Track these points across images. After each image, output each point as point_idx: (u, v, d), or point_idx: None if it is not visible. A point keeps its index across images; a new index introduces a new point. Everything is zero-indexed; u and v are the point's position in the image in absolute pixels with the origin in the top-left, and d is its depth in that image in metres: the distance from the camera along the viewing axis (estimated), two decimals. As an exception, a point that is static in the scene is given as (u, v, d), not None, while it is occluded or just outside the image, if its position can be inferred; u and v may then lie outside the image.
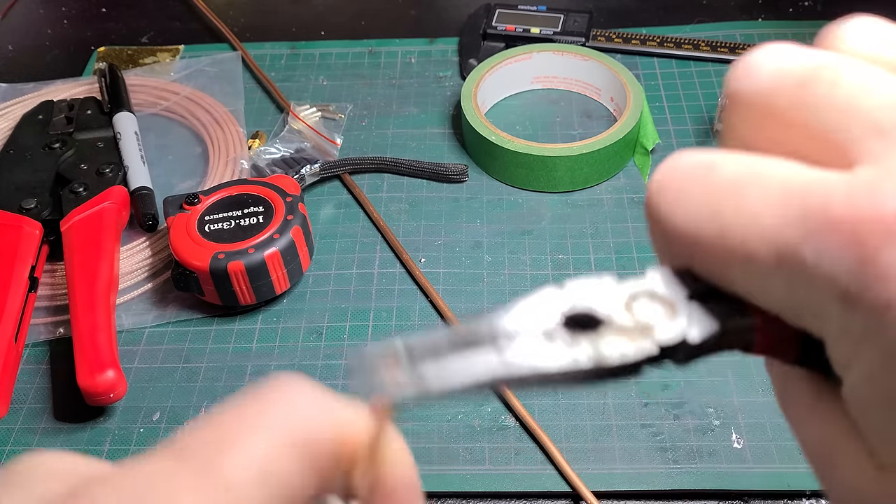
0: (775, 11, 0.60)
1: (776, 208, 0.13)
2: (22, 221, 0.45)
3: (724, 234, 0.14)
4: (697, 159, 0.15)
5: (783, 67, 0.14)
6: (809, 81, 0.14)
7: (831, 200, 0.12)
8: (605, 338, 0.14)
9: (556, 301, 0.15)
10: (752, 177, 0.14)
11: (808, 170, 0.13)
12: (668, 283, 0.15)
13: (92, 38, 0.63)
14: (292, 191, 0.44)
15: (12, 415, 0.40)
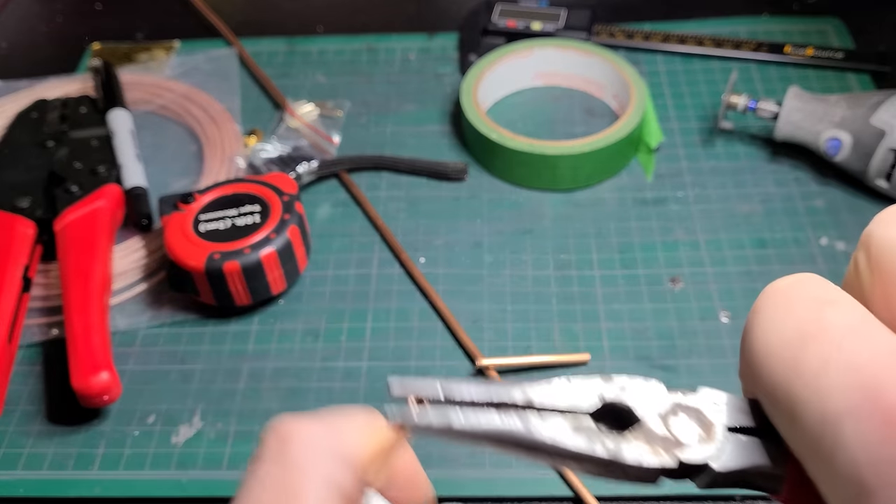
0: (780, 7, 0.60)
1: (847, 375, 0.12)
2: (15, 221, 0.44)
3: (796, 373, 0.13)
4: (815, 288, 0.14)
5: None
6: None
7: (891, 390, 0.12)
8: (631, 440, 0.15)
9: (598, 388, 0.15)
10: (855, 331, 0.13)
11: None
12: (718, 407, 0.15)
13: (86, 34, 0.62)
14: (289, 189, 0.43)
15: (5, 417, 0.39)
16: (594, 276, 0.43)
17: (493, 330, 0.41)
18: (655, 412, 0.15)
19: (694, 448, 0.14)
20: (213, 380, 0.40)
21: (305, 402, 0.39)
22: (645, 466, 0.14)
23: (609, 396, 0.15)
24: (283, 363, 0.41)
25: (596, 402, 0.15)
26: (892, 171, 0.44)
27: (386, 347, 0.41)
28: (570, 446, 0.15)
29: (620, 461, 0.14)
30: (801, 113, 0.46)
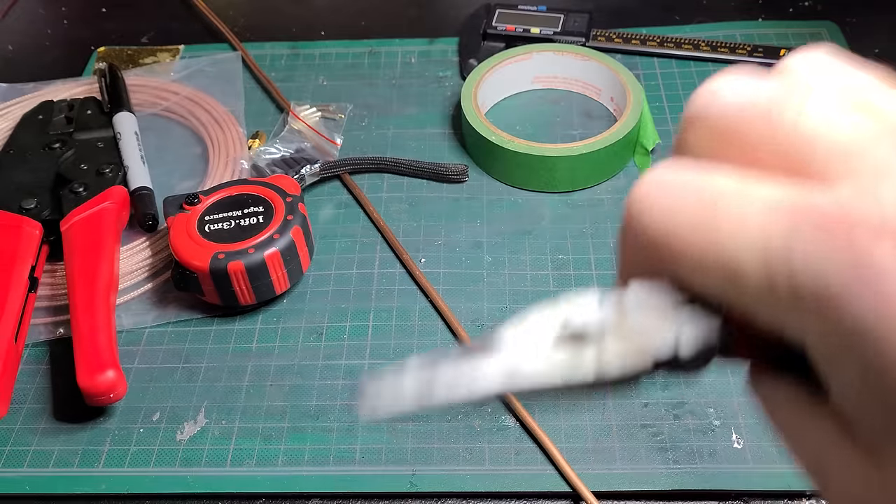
0: (775, 11, 0.60)
1: (765, 218, 0.14)
2: (22, 221, 0.45)
3: (713, 244, 0.14)
4: (688, 169, 0.15)
5: (751, 92, 0.15)
6: (776, 107, 0.15)
7: (821, 208, 0.13)
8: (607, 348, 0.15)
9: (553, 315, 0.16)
10: (740, 189, 0.14)
11: (791, 185, 0.14)
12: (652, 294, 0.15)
13: (92, 38, 0.63)
14: (292, 191, 0.44)
15: (12, 415, 0.40)
16: (592, 275, 0.44)
17: (493, 329, 0.42)
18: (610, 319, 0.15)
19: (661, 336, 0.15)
20: (217, 378, 0.41)
21: (308, 399, 0.40)
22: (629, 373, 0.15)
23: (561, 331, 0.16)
24: (287, 361, 0.41)
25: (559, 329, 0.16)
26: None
27: (387, 346, 0.42)
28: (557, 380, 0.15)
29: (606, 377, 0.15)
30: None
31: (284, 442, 0.38)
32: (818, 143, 0.14)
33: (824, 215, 0.13)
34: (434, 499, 0.36)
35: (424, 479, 0.36)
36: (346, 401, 0.39)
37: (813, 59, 0.16)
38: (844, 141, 0.14)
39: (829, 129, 0.14)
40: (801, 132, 0.14)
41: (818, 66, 0.16)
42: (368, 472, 0.37)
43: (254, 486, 0.37)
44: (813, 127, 0.14)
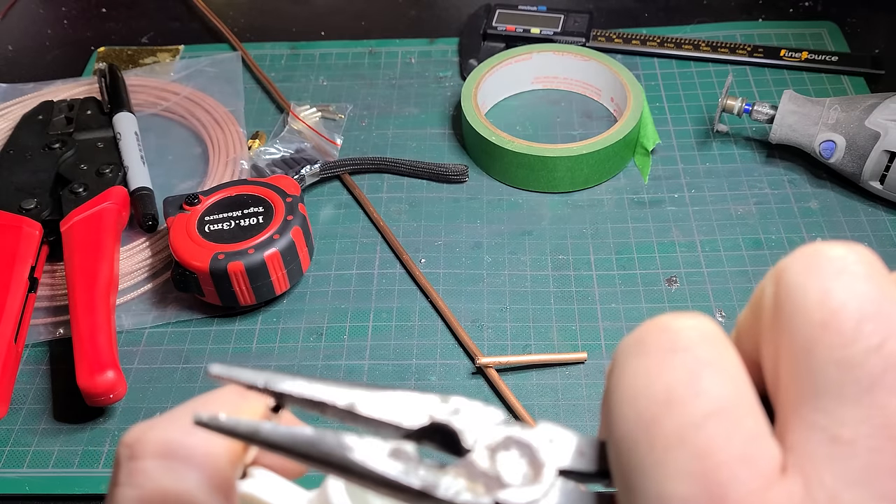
0: (775, 11, 0.60)
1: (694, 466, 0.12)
2: (22, 222, 0.45)
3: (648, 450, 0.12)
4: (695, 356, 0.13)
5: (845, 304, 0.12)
6: (853, 337, 0.12)
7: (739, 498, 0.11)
8: (449, 474, 0.13)
9: (430, 406, 0.14)
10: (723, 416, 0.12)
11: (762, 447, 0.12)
12: (554, 446, 0.14)
13: (92, 38, 0.63)
14: (292, 191, 0.44)
15: (12, 415, 0.40)
16: (591, 276, 0.44)
17: (493, 329, 0.42)
18: (485, 443, 0.14)
19: (516, 490, 0.13)
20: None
21: (308, 399, 0.39)
22: (457, 503, 0.13)
23: (439, 417, 0.14)
24: (287, 362, 0.41)
25: (423, 421, 0.14)
26: (885, 174, 0.45)
27: (387, 346, 0.42)
28: (381, 472, 0.13)
29: (433, 495, 0.13)
30: (795, 116, 0.46)
31: (284, 442, 0.38)
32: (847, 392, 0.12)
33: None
34: (434, 499, 0.36)
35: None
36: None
37: None
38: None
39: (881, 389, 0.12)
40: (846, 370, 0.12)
41: None
42: (368, 473, 0.37)
43: (254, 486, 0.36)
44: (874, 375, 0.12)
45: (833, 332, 0.12)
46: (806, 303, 0.12)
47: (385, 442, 0.14)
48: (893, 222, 0.46)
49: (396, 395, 0.14)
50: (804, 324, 0.12)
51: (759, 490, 0.11)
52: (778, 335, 0.13)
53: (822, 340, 0.12)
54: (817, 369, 0.12)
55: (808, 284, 0.13)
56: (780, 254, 0.44)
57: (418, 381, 0.40)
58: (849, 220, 0.46)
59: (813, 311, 0.12)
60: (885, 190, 0.45)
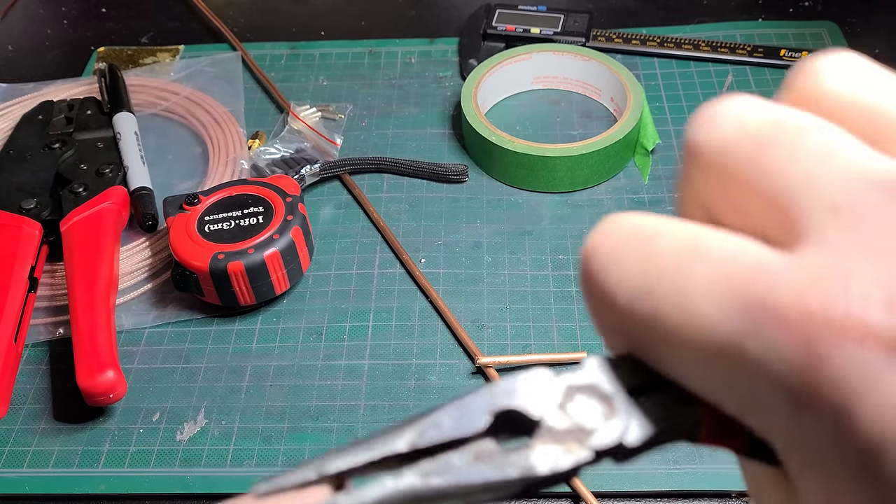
0: (775, 11, 0.60)
1: (716, 293, 0.12)
2: (22, 222, 0.45)
3: (658, 314, 0.12)
4: (639, 223, 0.13)
5: (745, 122, 0.13)
6: (769, 141, 0.13)
7: (775, 291, 0.11)
8: (537, 447, 0.13)
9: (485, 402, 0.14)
10: (694, 252, 0.12)
11: (754, 248, 0.12)
12: (606, 375, 0.14)
13: (92, 38, 0.63)
14: (292, 191, 0.44)
15: (12, 415, 0.40)
16: (592, 276, 0.44)
17: (493, 329, 0.42)
18: (552, 405, 0.14)
19: (602, 430, 0.13)
20: (217, 378, 0.41)
21: (308, 399, 0.40)
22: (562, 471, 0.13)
23: (497, 407, 0.14)
24: (287, 361, 0.41)
25: (488, 419, 0.14)
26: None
27: (387, 346, 0.42)
28: (478, 480, 0.13)
29: (536, 475, 0.13)
30: (795, 116, 0.46)
31: (284, 442, 0.38)
32: (808, 188, 0.12)
33: (774, 299, 0.11)
34: (434, 499, 0.36)
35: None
36: (346, 401, 0.39)
37: (835, 64, 0.14)
38: (838, 190, 0.12)
39: (825, 171, 0.12)
40: (791, 172, 0.12)
41: (840, 71, 0.13)
42: (368, 473, 0.37)
43: (253, 486, 0.36)
44: (805, 165, 0.12)
45: (766, 142, 0.13)
46: (729, 140, 0.13)
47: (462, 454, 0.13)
48: (893, 222, 0.46)
49: (446, 412, 0.14)
50: (739, 155, 0.13)
51: (794, 274, 0.11)
52: (723, 182, 0.13)
53: (762, 154, 0.13)
54: (775, 176, 0.12)
55: (719, 128, 0.13)
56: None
57: (418, 381, 0.40)
58: (849, 220, 0.46)
59: (739, 141, 0.13)
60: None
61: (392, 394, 0.39)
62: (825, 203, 0.12)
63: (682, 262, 0.12)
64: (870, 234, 0.11)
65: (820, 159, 0.12)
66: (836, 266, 0.11)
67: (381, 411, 0.39)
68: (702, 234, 0.13)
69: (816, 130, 0.12)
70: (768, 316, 0.11)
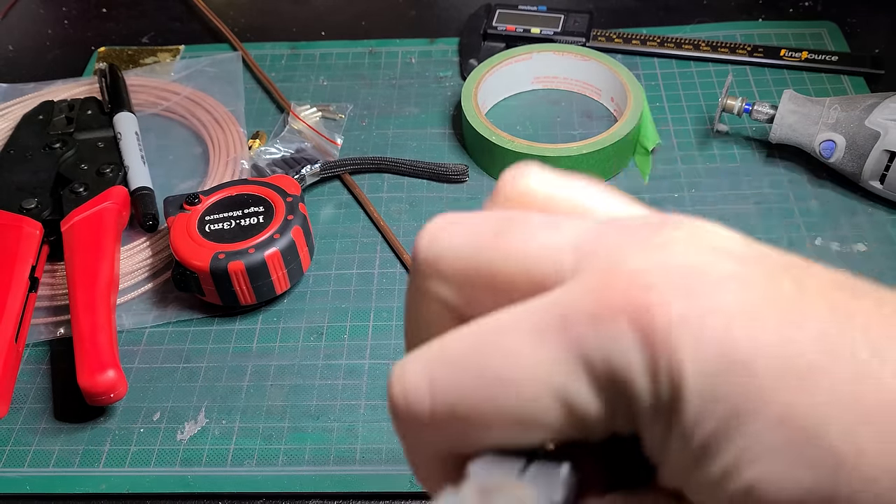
0: (775, 11, 0.60)
1: (535, 350, 0.13)
2: (22, 221, 0.45)
3: (494, 401, 0.13)
4: (412, 369, 0.14)
5: (476, 225, 0.15)
6: (504, 230, 0.15)
7: (586, 303, 0.13)
8: None
9: None
10: (492, 338, 0.14)
11: (534, 301, 0.14)
12: (491, 469, 0.14)
13: (92, 38, 0.63)
14: (293, 191, 0.44)
15: (12, 415, 0.40)
16: (592, 276, 0.44)
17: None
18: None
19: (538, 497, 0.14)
20: (217, 378, 0.41)
21: (308, 399, 0.40)
22: None
23: None
24: (287, 361, 0.41)
25: None
26: (885, 173, 0.45)
27: (388, 345, 0.42)
28: None
29: None
30: (795, 116, 0.46)
31: (284, 442, 0.38)
32: (547, 248, 0.14)
33: (596, 310, 0.13)
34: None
35: (425, 479, 0.36)
36: (347, 401, 0.39)
37: (524, 180, 0.17)
38: (571, 241, 0.14)
39: (555, 233, 0.14)
40: (533, 251, 0.14)
41: (537, 179, 0.16)
42: (369, 472, 0.37)
43: (254, 486, 0.37)
44: (542, 237, 0.14)
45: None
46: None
47: None
48: (893, 222, 0.46)
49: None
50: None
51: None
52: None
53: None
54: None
55: None
56: (780, 253, 0.44)
57: (419, 381, 0.40)
58: (849, 220, 0.46)
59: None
60: (885, 190, 0.45)
61: (392, 393, 0.39)
62: (567, 250, 0.14)
63: (484, 353, 0.14)
64: (618, 246, 0.14)
65: (548, 226, 0.15)
66: (613, 266, 0.13)
67: (382, 411, 0.39)
68: (484, 321, 0.14)
69: (532, 215, 0.15)
70: (588, 318, 0.13)
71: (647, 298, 0.13)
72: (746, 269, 0.13)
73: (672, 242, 0.14)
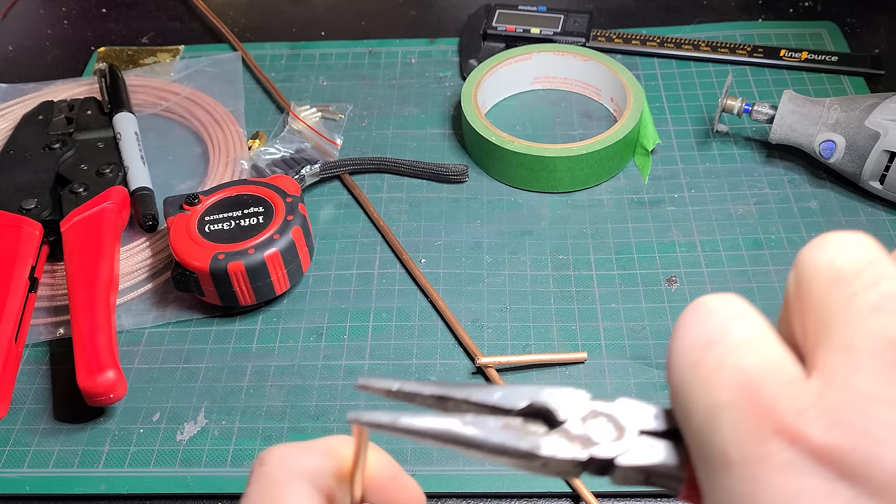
0: (775, 11, 0.60)
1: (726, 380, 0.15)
2: (22, 222, 0.45)
3: (696, 379, 0.15)
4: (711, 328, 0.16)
5: (839, 257, 0.16)
6: (854, 280, 0.15)
7: (768, 398, 0.14)
8: (550, 437, 0.17)
9: (530, 393, 0.17)
10: (752, 345, 0.15)
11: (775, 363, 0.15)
12: (633, 414, 0.17)
13: (92, 38, 0.63)
14: (292, 191, 0.44)
15: (12, 415, 0.40)
16: (591, 276, 0.44)
17: (493, 329, 0.42)
18: (577, 415, 0.17)
19: (605, 445, 0.16)
20: (217, 378, 0.41)
21: (308, 399, 0.40)
22: (559, 458, 0.16)
23: (537, 399, 0.17)
24: (287, 361, 0.41)
25: (525, 403, 0.17)
26: (885, 174, 0.45)
27: (387, 346, 0.42)
28: (496, 441, 0.17)
29: (537, 454, 0.16)
30: (795, 116, 0.46)
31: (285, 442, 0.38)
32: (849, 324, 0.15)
33: (762, 405, 0.14)
34: (434, 499, 0.36)
35: (424, 479, 0.36)
36: (346, 401, 0.39)
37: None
38: (853, 336, 0.15)
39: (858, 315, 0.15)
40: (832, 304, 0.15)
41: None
42: (368, 473, 0.37)
43: (254, 486, 0.36)
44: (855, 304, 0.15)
45: (840, 282, 0.15)
46: (818, 270, 0.16)
47: (496, 420, 0.17)
48: (893, 222, 0.46)
49: (500, 388, 0.18)
50: (818, 285, 0.16)
51: (786, 384, 0.15)
52: (802, 304, 0.16)
53: (832, 290, 0.15)
54: (831, 310, 0.15)
55: (818, 257, 0.16)
56: (780, 254, 0.44)
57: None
58: (849, 220, 0.46)
59: (823, 273, 0.16)
60: (884, 190, 0.45)
61: (392, 394, 0.39)
62: (842, 342, 0.15)
63: (736, 344, 0.15)
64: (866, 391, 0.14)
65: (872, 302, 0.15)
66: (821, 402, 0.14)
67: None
68: (765, 331, 0.16)
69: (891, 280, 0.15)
70: (749, 398, 0.14)
71: None
72: None
73: None
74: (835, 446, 0.13)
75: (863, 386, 0.14)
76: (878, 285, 0.15)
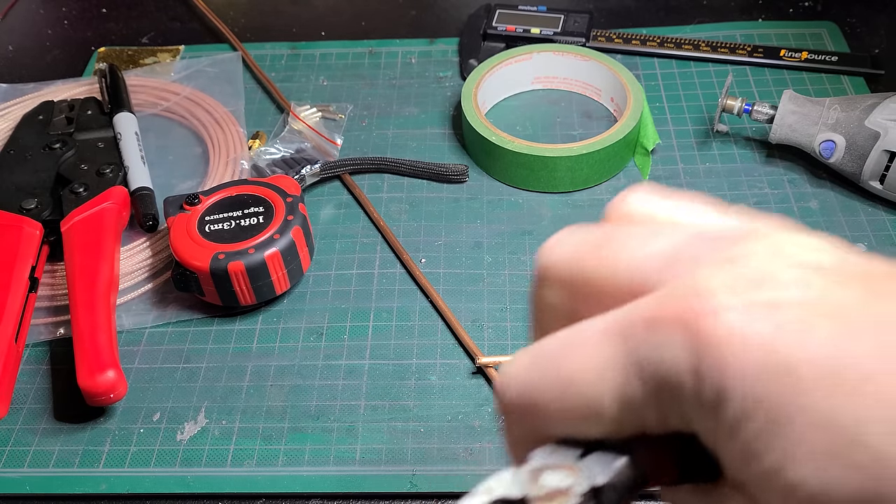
0: (775, 11, 0.60)
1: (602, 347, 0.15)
2: (22, 222, 0.45)
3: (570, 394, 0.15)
4: (515, 362, 0.16)
5: (583, 238, 0.17)
6: (604, 244, 0.16)
7: (647, 311, 0.14)
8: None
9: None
10: (572, 339, 0.15)
11: (618, 309, 0.15)
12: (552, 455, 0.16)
13: (92, 38, 0.63)
14: (292, 191, 0.44)
15: (12, 415, 0.40)
16: (592, 276, 0.44)
17: (493, 329, 0.42)
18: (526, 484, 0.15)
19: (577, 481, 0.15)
20: (217, 378, 0.41)
21: (308, 399, 0.40)
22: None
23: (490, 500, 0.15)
24: (287, 361, 0.41)
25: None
26: (885, 173, 0.45)
27: (387, 346, 0.42)
28: None
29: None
30: (795, 116, 0.46)
31: (284, 442, 0.38)
32: (645, 261, 0.16)
33: (653, 316, 0.14)
34: (434, 499, 0.36)
35: (424, 480, 0.36)
36: (346, 401, 0.39)
37: (637, 196, 0.18)
38: (659, 254, 0.15)
39: (650, 246, 0.16)
40: (626, 263, 0.16)
41: (641, 200, 0.18)
42: (368, 473, 0.37)
43: (254, 486, 0.37)
44: (637, 248, 0.16)
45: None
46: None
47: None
48: (893, 222, 0.46)
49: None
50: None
51: None
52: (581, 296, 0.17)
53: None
54: None
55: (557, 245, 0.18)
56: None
57: (418, 381, 0.40)
58: (849, 220, 0.46)
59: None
60: (884, 190, 0.45)
61: (392, 394, 0.39)
62: (661, 262, 0.15)
63: (568, 347, 0.15)
64: (695, 260, 0.15)
65: (642, 242, 0.16)
66: (683, 281, 0.14)
67: (382, 411, 0.39)
68: (575, 326, 0.16)
69: (634, 228, 0.17)
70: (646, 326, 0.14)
71: (702, 306, 0.14)
72: (814, 277, 0.14)
73: (747, 255, 0.14)
74: None
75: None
76: (632, 230, 0.16)
